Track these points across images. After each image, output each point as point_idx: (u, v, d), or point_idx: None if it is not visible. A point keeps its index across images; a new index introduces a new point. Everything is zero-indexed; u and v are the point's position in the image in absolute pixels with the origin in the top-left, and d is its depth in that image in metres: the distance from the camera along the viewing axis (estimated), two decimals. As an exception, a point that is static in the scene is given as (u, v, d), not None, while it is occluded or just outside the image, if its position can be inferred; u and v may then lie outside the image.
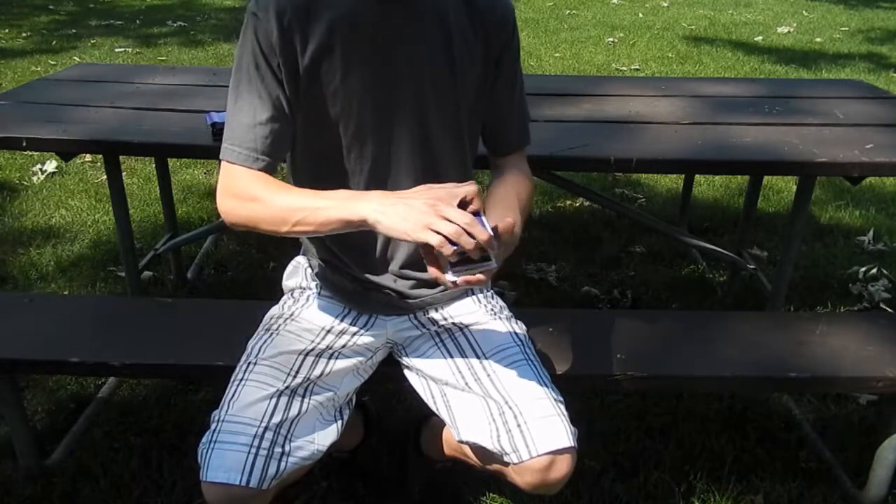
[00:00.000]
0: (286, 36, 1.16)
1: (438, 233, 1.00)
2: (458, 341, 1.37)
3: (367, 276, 1.37)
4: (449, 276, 1.03)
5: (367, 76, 1.20)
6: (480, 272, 1.03)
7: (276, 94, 1.19)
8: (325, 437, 1.28)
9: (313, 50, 1.17)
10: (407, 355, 1.42)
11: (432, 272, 1.05)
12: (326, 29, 1.17)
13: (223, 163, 1.21)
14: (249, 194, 1.18)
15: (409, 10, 1.20)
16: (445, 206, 1.02)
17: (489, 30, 1.26)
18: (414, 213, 1.02)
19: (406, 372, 1.44)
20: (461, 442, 1.30)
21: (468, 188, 1.07)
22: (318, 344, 1.34)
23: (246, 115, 1.19)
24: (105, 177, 2.32)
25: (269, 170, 1.20)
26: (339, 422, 1.32)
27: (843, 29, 7.15)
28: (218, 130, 1.87)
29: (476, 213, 1.06)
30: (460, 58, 1.24)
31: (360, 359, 1.38)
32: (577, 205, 3.30)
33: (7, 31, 6.46)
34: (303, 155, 1.30)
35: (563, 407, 1.25)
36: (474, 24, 1.24)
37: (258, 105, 1.18)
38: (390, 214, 1.04)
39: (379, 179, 1.28)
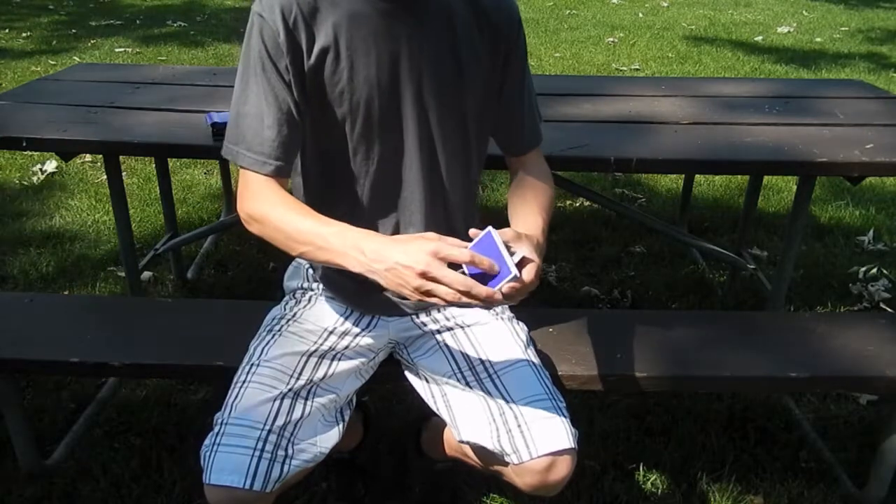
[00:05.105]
0: (292, 36, 1.15)
1: (436, 295, 1.00)
2: (459, 341, 1.37)
3: (369, 276, 1.37)
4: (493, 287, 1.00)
5: (372, 76, 1.19)
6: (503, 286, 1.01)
7: (284, 97, 1.17)
8: (327, 439, 1.28)
9: (319, 50, 1.17)
10: (408, 354, 1.42)
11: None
12: (332, 28, 1.16)
13: (240, 168, 1.22)
14: (259, 213, 1.18)
15: (415, 9, 1.19)
16: (437, 269, 0.99)
17: (495, 30, 1.25)
18: (407, 279, 1.01)
19: (406, 372, 1.44)
20: (462, 442, 1.30)
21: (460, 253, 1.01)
22: (321, 345, 1.34)
23: (254, 118, 1.18)
24: (105, 177, 2.32)
25: (281, 173, 1.20)
26: (341, 423, 1.32)
27: (843, 29, 7.15)
28: (218, 130, 1.86)
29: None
30: (466, 57, 1.23)
31: (363, 360, 1.38)
32: (577, 205, 3.30)
33: (7, 31, 6.46)
34: (310, 156, 1.29)
35: (564, 408, 1.25)
36: (480, 23, 1.24)
37: (265, 108, 1.17)
38: (386, 278, 1.03)
39: (385, 180, 1.28)
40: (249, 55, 1.17)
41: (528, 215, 1.25)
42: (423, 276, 0.99)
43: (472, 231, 1.07)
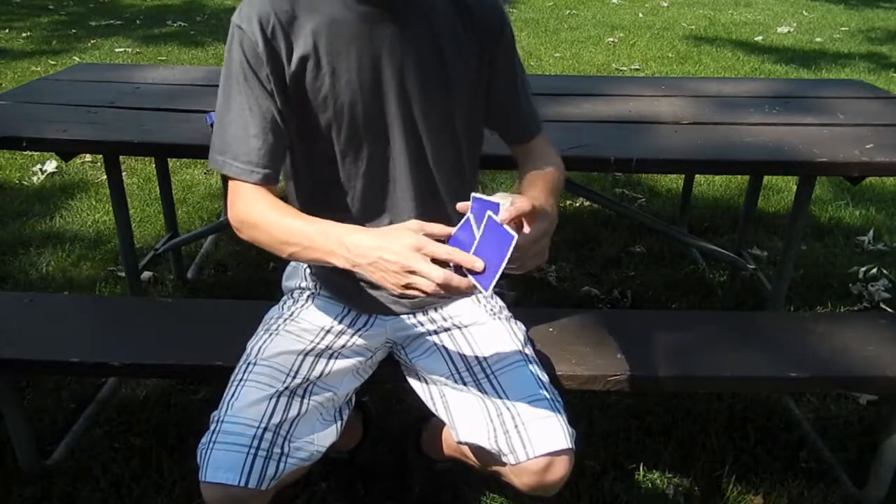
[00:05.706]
0: (270, 45, 1.16)
1: (416, 287, 1.02)
2: (457, 341, 1.37)
3: (366, 275, 1.37)
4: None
5: (354, 80, 1.20)
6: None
7: (267, 106, 1.19)
8: (324, 437, 1.28)
9: (299, 58, 1.18)
10: (406, 355, 1.42)
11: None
12: (311, 35, 1.17)
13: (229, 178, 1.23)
14: (250, 219, 1.20)
15: (396, 11, 1.19)
16: (416, 262, 1.01)
17: (480, 27, 1.25)
18: (390, 274, 1.04)
19: (405, 372, 1.44)
20: (460, 443, 1.30)
21: (437, 228, 1.06)
22: (318, 344, 1.34)
23: (238, 127, 1.19)
24: (105, 177, 2.32)
25: (269, 180, 1.21)
26: (339, 422, 1.32)
27: (843, 29, 7.15)
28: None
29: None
30: (451, 57, 1.23)
31: (360, 359, 1.38)
32: (577, 205, 3.30)
33: (7, 31, 6.46)
34: (299, 161, 1.30)
35: (561, 408, 1.25)
36: (465, 22, 1.24)
37: (250, 118, 1.19)
38: (369, 272, 1.06)
39: (375, 182, 1.29)
40: (231, 66, 1.19)
41: (530, 185, 1.23)
42: (405, 270, 1.02)
43: (459, 205, 1.08)
